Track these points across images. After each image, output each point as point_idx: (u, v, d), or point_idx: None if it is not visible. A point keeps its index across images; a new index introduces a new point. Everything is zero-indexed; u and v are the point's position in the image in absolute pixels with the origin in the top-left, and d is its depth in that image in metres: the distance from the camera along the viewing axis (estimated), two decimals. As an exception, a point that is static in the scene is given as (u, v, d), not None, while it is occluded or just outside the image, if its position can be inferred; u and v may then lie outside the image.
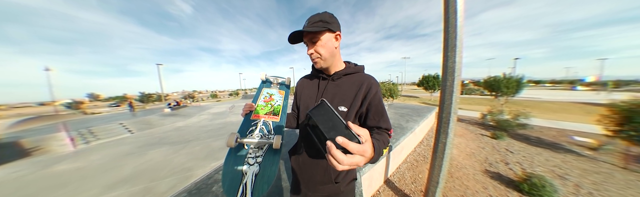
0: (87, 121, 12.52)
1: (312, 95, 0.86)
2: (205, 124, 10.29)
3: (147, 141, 7.61)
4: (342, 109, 0.76)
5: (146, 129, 10.07)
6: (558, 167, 3.38)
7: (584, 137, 5.19)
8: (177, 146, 6.63)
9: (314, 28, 0.69)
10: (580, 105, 14.04)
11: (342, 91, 0.79)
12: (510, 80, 10.39)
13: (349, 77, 0.82)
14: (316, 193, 0.80)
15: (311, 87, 0.89)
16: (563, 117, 8.94)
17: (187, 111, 14.88)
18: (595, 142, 4.56)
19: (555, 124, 7.37)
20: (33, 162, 6.24)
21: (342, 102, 0.77)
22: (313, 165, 0.80)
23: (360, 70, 0.85)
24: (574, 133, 5.87)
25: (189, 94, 63.41)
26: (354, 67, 0.84)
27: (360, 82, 0.78)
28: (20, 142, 7.60)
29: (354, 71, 0.83)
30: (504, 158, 3.75)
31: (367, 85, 0.76)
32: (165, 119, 12.09)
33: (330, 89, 0.81)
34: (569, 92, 36.31)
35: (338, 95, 0.78)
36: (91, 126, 9.84)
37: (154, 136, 8.52)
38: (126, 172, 4.76)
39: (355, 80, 0.80)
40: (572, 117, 8.96)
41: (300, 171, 0.85)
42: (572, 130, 6.36)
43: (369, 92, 0.75)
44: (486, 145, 4.66)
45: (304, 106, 0.88)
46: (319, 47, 0.73)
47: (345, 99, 0.77)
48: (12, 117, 18.75)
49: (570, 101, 16.43)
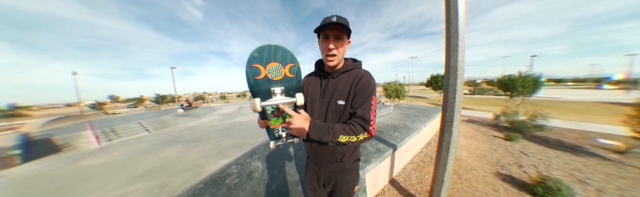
0: (109, 120, 13.40)
1: (317, 92, 0.94)
2: (216, 124, 10.68)
3: (163, 139, 8.03)
4: (340, 102, 0.84)
5: (162, 128, 10.63)
6: (578, 171, 3.14)
7: (610, 140, 4.76)
8: (190, 144, 6.95)
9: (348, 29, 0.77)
10: (606, 105, 12.92)
11: (340, 87, 0.86)
12: (527, 79, 9.66)
13: (346, 74, 0.89)
14: (326, 170, 0.98)
15: (315, 84, 0.97)
16: (587, 119, 8.25)
17: (198, 112, 15.51)
18: (623, 145, 4.16)
19: (578, 125, 6.85)
20: (63, 158, 6.80)
21: (340, 96, 0.85)
22: (322, 148, 0.94)
23: (357, 67, 0.91)
24: (598, 135, 5.38)
25: (200, 95, 65.78)
26: (351, 64, 0.91)
27: (354, 77, 0.85)
28: (52, 139, 8.31)
29: (351, 68, 0.90)
30: (517, 161, 3.56)
31: (357, 78, 0.83)
32: (178, 119, 12.69)
33: (331, 86, 0.89)
34: (594, 91, 33.34)
35: (337, 91, 0.86)
36: (113, 125, 10.53)
37: (169, 134, 8.97)
38: (144, 168, 5.07)
39: (351, 76, 0.86)
40: (598, 119, 8.25)
41: (312, 153, 1.00)
42: (596, 132, 5.87)
43: (358, 84, 0.82)
44: (498, 147, 4.46)
45: (311, 101, 0.95)
46: (340, 45, 0.80)
47: (342, 94, 0.85)
48: (44, 117, 20.44)
49: (595, 101, 15.08)
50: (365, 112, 0.77)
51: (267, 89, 0.80)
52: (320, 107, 0.90)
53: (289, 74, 0.79)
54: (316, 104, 0.92)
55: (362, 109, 0.78)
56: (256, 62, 0.68)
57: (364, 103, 0.79)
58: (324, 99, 0.90)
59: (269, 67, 0.71)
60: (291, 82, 0.82)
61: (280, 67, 0.74)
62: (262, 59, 0.69)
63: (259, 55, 0.67)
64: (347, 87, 0.84)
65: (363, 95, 0.80)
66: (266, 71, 0.72)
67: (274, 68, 0.71)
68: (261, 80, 0.73)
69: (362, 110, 0.78)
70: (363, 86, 0.81)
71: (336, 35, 0.78)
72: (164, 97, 36.84)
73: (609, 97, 19.14)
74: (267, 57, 0.70)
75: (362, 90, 0.80)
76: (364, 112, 0.77)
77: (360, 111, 0.78)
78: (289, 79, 0.81)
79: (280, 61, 0.73)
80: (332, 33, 0.78)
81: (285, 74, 0.79)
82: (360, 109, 0.78)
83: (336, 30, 0.78)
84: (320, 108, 0.90)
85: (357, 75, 0.84)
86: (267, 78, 0.74)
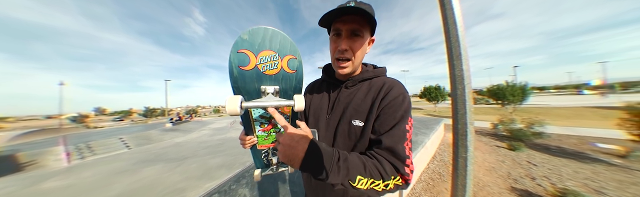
0: (88, 135, 12.39)
1: (324, 106, 0.70)
2: (205, 140, 10.01)
3: (144, 157, 7.30)
4: (357, 123, 0.58)
5: (145, 145, 9.81)
6: (590, 179, 3.05)
7: (608, 144, 4.81)
8: (173, 163, 6.31)
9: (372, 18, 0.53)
10: (592, 109, 13.68)
11: (356, 101, 0.62)
12: (515, 88, 10.28)
13: (366, 84, 0.65)
14: None
15: (321, 96, 0.74)
16: (578, 123, 8.53)
17: (188, 126, 14.74)
18: (622, 148, 4.20)
19: (573, 130, 7.00)
20: (23, 178, 5.93)
21: (356, 114, 0.60)
22: (325, 188, 0.69)
23: (381, 74, 0.68)
24: (595, 140, 5.50)
25: (192, 109, 64.02)
26: (372, 71, 0.68)
27: (379, 88, 0.60)
28: (17, 156, 7.40)
29: (372, 75, 0.66)
30: (528, 172, 3.40)
31: (384, 89, 0.59)
32: (165, 134, 11.90)
33: (343, 99, 0.65)
34: (577, 96, 35.80)
35: (352, 106, 0.62)
36: (90, 141, 9.66)
37: (151, 152, 8.22)
38: (114, 193, 4.40)
39: (374, 86, 0.62)
40: (588, 123, 8.56)
41: (312, 191, 0.76)
42: (593, 136, 5.99)
43: (386, 97, 0.57)
44: (505, 158, 4.28)
45: (314, 118, 0.71)
46: (358, 44, 0.57)
47: (360, 110, 0.59)
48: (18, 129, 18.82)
49: (581, 106, 16.08)
50: (396, 142, 0.50)
51: (255, 88, 0.54)
52: (326, 128, 0.65)
53: (287, 68, 0.53)
54: (321, 123, 0.67)
55: (392, 137, 0.51)
56: (245, 47, 0.47)
57: (395, 128, 0.52)
58: (333, 117, 0.65)
59: (262, 55, 0.49)
60: (289, 80, 0.56)
61: (277, 58, 0.51)
62: (254, 44, 0.47)
63: (249, 38, 0.47)
64: (368, 101, 0.60)
65: (393, 115, 0.54)
66: (257, 61, 0.49)
67: (268, 58, 0.49)
68: (249, 73, 0.50)
69: (392, 138, 0.50)
70: (394, 102, 0.56)
71: (352, 30, 0.55)
72: (153, 110, 35.49)
73: (591, 101, 20.65)
74: (260, 42, 0.48)
75: (392, 108, 0.55)
76: (394, 141, 0.50)
77: (389, 140, 0.50)
78: (287, 75, 0.55)
79: (277, 50, 0.50)
80: (347, 26, 0.55)
81: (282, 68, 0.53)
82: (389, 137, 0.51)
83: (353, 23, 0.55)
84: (326, 129, 0.65)
85: (383, 86, 0.60)
86: (257, 70, 0.50)
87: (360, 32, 0.56)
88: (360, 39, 0.57)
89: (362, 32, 0.57)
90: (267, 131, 0.66)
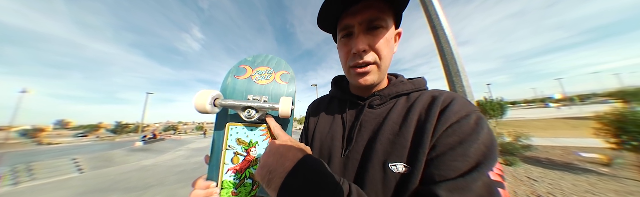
0: (37, 153, 10.50)
1: (337, 136, 0.46)
2: (179, 163, 8.77)
3: (96, 185, 6.03)
4: (397, 168, 0.34)
5: (103, 168, 8.32)
6: (590, 192, 3.17)
7: (590, 153, 5.19)
8: (131, 193, 5.20)
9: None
10: (563, 120, 15.02)
11: (391, 128, 0.39)
12: (493, 104, 11.13)
13: (402, 101, 0.44)
14: None
15: (332, 119, 0.51)
16: (555, 134, 9.18)
17: (162, 146, 13.20)
18: (604, 157, 4.49)
19: (554, 141, 7.38)
20: None
21: (394, 152, 0.36)
22: None
23: (422, 87, 0.46)
24: (577, 149, 5.90)
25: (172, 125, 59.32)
26: (409, 82, 0.47)
27: (428, 106, 0.38)
28: None
29: (411, 89, 0.45)
30: (533, 189, 3.39)
31: (440, 106, 0.37)
32: (132, 155, 10.39)
33: (369, 125, 0.43)
34: (545, 109, 38.99)
35: (384, 137, 0.38)
36: (35, 161, 8.09)
37: (108, 178, 6.90)
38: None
39: (419, 103, 0.40)
40: (564, 133, 9.32)
41: None
42: (574, 146, 6.40)
43: (442, 120, 0.35)
44: (506, 174, 4.13)
45: (322, 155, 0.47)
46: (382, 40, 0.39)
47: (398, 146, 0.36)
48: None
49: (552, 118, 17.67)
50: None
51: (243, 97, 0.50)
52: (343, 172, 0.41)
53: (279, 80, 0.53)
54: (334, 163, 0.43)
55: (466, 193, 0.27)
56: (246, 64, 0.53)
57: (470, 176, 0.28)
58: (353, 154, 0.41)
59: (258, 70, 0.53)
60: (280, 91, 0.53)
61: (271, 72, 0.54)
62: (254, 62, 0.54)
63: (252, 60, 0.54)
64: (411, 126, 0.37)
65: (463, 150, 0.31)
66: (253, 73, 0.53)
67: (263, 72, 0.53)
68: (241, 82, 0.51)
69: (466, 194, 0.27)
70: (459, 126, 0.33)
71: (370, 20, 0.38)
72: (125, 126, 32.23)
73: (559, 113, 22.94)
74: (260, 62, 0.55)
75: (458, 136, 0.32)
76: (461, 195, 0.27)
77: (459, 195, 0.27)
78: (279, 86, 0.53)
79: (273, 68, 0.55)
80: (360, 18, 0.38)
81: (275, 80, 0.54)
82: (461, 192, 0.27)
83: (370, 10, 0.37)
84: (343, 174, 0.41)
85: (435, 101, 0.38)
86: (250, 80, 0.52)
87: (382, 22, 0.38)
88: (383, 32, 0.38)
89: (386, 22, 0.38)
90: (240, 172, 0.43)
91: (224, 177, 0.43)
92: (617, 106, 4.42)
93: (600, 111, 3.97)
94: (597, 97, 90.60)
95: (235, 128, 0.46)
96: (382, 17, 0.38)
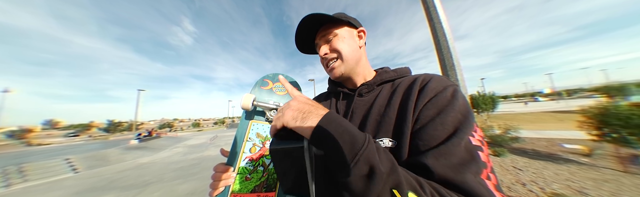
0: (27, 154, 10.24)
1: None
2: (177, 160, 8.75)
3: (92, 184, 5.98)
4: (383, 143, 0.39)
5: (98, 167, 8.23)
6: (570, 180, 3.29)
7: (572, 144, 5.45)
8: (129, 191, 5.20)
9: (327, 17, 0.49)
10: (550, 113, 15.73)
11: (377, 110, 0.44)
12: (485, 97, 11.52)
13: (386, 87, 0.50)
14: None
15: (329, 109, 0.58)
16: (542, 127, 9.58)
17: (158, 143, 13.08)
18: (585, 148, 4.74)
19: (540, 133, 7.73)
20: None
21: (381, 130, 0.41)
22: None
23: (406, 73, 0.53)
24: (561, 141, 6.16)
25: (167, 122, 58.64)
26: (392, 71, 0.54)
27: (408, 86, 0.44)
28: None
29: (394, 76, 0.51)
30: (517, 178, 3.57)
31: (417, 84, 0.42)
32: (127, 153, 10.28)
33: (359, 110, 0.49)
34: (534, 103, 40.36)
35: (372, 118, 0.44)
36: (26, 162, 7.90)
37: (104, 176, 6.84)
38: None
39: (401, 86, 0.46)
40: (550, 126, 9.75)
41: None
42: (558, 138, 6.72)
43: (422, 95, 0.39)
44: (493, 164, 4.34)
45: None
46: (337, 42, 0.50)
47: (388, 122, 0.41)
48: None
49: (540, 111, 18.56)
50: (458, 168, 0.29)
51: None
52: None
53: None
54: None
55: (446, 157, 0.30)
56: (268, 79, 0.71)
57: (450, 141, 0.32)
58: None
59: (277, 84, 0.71)
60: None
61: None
62: (274, 78, 0.71)
63: (272, 76, 0.71)
64: (394, 107, 0.42)
65: (441, 120, 0.35)
66: (273, 86, 0.72)
67: (280, 86, 0.71)
68: (265, 91, 0.70)
69: (447, 159, 0.30)
70: (437, 99, 0.37)
71: (323, 36, 0.52)
72: (118, 124, 31.57)
73: (547, 107, 24.08)
74: (277, 78, 0.70)
75: (435, 109, 0.36)
76: (453, 166, 0.30)
77: (440, 163, 0.30)
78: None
79: None
80: (318, 37, 0.53)
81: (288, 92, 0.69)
82: (439, 157, 0.31)
83: (322, 31, 0.52)
84: None
85: (414, 82, 0.43)
86: (271, 91, 0.71)
87: (330, 35, 0.51)
88: (336, 38, 0.51)
89: (333, 32, 0.51)
90: (255, 160, 0.56)
91: (241, 163, 0.55)
92: (602, 100, 4.58)
93: (586, 104, 4.12)
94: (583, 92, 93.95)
95: (256, 124, 0.60)
96: (330, 30, 0.51)
